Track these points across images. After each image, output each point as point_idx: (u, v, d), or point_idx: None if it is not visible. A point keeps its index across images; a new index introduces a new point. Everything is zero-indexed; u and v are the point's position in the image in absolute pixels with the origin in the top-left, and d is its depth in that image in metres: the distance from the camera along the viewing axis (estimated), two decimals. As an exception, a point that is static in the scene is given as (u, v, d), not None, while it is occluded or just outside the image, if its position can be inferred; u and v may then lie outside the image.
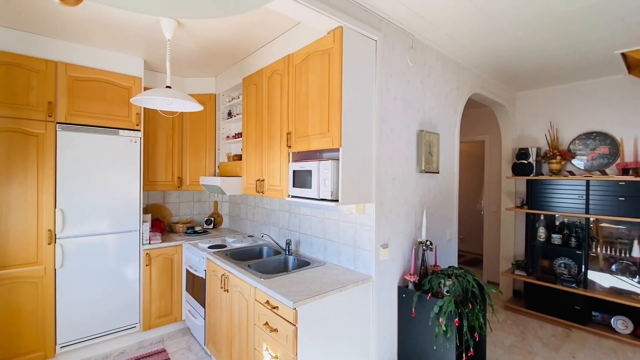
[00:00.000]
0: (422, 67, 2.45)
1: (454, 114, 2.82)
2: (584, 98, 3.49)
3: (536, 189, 3.51)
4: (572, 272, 3.36)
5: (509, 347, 2.83)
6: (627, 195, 2.95)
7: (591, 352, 2.77)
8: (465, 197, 6.20)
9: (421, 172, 2.41)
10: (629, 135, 3.20)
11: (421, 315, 2.06)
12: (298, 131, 2.13)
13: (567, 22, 2.23)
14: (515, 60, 2.91)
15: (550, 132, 3.67)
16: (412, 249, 2.30)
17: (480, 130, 4.75)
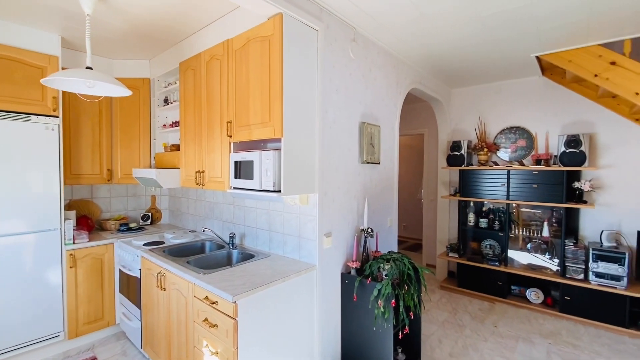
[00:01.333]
0: (363, 61, 2.51)
1: (394, 107, 2.95)
2: (507, 96, 3.88)
3: (467, 178, 3.85)
4: (495, 252, 3.76)
5: (443, 322, 3.10)
6: (539, 183, 3.37)
7: (510, 321, 3.15)
8: (408, 187, 6.59)
9: (363, 163, 2.49)
10: (542, 130, 3.64)
11: (362, 299, 2.15)
12: (239, 120, 2.06)
13: (491, 27, 2.44)
14: (450, 59, 3.13)
15: (479, 126, 4.03)
16: (355, 236, 2.38)
17: (420, 124, 5.05)
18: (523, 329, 2.99)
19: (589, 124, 3.36)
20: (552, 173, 3.28)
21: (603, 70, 2.68)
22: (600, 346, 2.71)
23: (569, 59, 2.83)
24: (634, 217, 3.13)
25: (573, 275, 3.14)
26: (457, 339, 2.80)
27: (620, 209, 3.20)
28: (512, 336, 2.85)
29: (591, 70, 2.73)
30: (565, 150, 3.21)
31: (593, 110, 3.34)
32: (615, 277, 2.91)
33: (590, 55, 2.73)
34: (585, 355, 2.58)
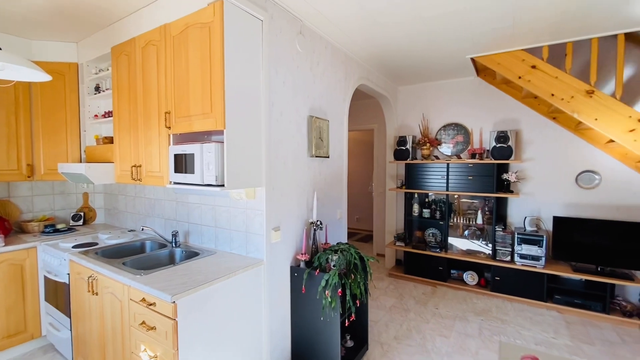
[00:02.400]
0: (311, 54, 2.51)
1: (342, 102, 3.00)
2: (447, 94, 4.16)
3: (412, 171, 4.07)
4: (437, 240, 4.04)
5: (390, 308, 3.27)
6: (474, 175, 3.68)
7: (449, 302, 3.42)
8: (360, 181, 6.79)
9: (312, 157, 2.51)
10: (477, 127, 3.97)
11: (311, 290, 2.18)
12: (179, 111, 1.94)
13: (431, 28, 2.59)
14: (395, 57, 3.26)
15: (422, 122, 4.27)
16: (304, 229, 2.39)
17: (369, 120, 5.21)
18: (460, 308, 3.26)
19: (515, 121, 3.74)
20: (485, 166, 3.60)
21: (525, 73, 2.99)
22: (524, 319, 3.05)
23: (498, 62, 3.11)
24: (550, 205, 3.56)
25: (502, 258, 3.50)
26: (402, 322, 2.97)
27: (540, 197, 3.62)
28: (450, 316, 3.10)
29: (516, 73, 3.03)
30: (495, 145, 3.53)
31: (519, 109, 3.71)
32: (535, 257, 3.30)
33: (515, 59, 3.02)
34: (510, 327, 2.89)
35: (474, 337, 2.73)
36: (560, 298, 3.22)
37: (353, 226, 7.00)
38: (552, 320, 3.03)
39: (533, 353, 2.48)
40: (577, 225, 3.24)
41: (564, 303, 3.20)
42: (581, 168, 3.40)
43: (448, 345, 2.60)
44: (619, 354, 2.51)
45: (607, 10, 2.31)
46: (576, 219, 3.25)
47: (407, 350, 2.53)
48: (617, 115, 2.64)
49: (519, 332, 2.81)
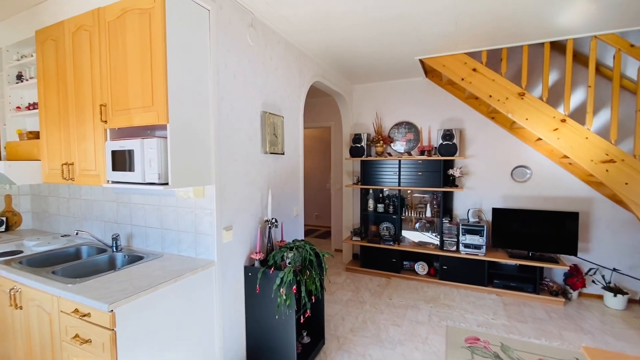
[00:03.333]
0: (263, 48, 2.45)
1: (297, 98, 2.98)
2: (399, 94, 4.33)
3: (367, 168, 4.18)
4: (391, 233, 4.21)
5: (346, 301, 3.34)
6: (423, 171, 3.88)
7: (402, 292, 3.58)
8: (318, 178, 6.84)
9: (266, 153, 2.46)
10: (425, 125, 4.19)
11: (266, 289, 2.15)
12: (116, 103, 1.79)
13: (382, 29, 2.67)
14: (349, 56, 3.31)
15: (376, 121, 4.41)
16: (258, 227, 2.34)
17: (327, 117, 5.26)
18: (412, 297, 3.43)
19: (459, 120, 4.01)
20: (433, 162, 3.81)
21: (467, 75, 3.21)
22: (467, 304, 3.30)
23: (443, 64, 3.30)
24: (490, 197, 3.87)
25: (449, 248, 3.74)
26: (358, 315, 3.05)
27: (481, 190, 3.92)
28: (403, 305, 3.25)
29: (459, 75, 3.24)
30: (442, 142, 3.76)
31: (462, 109, 3.98)
32: (477, 246, 3.57)
33: (458, 62, 3.23)
34: (456, 312, 3.11)
35: (424, 323, 2.89)
36: (499, 282, 3.53)
37: (312, 223, 7.04)
38: (492, 303, 3.31)
39: (475, 334, 2.69)
40: (513, 216, 3.56)
41: (502, 287, 3.51)
42: (515, 163, 3.75)
43: (400, 334, 2.72)
44: (547, 329, 2.82)
45: (535, 21, 2.56)
46: (511, 210, 3.58)
47: (363, 341, 2.61)
48: (544, 115, 2.94)
49: (463, 316, 3.02)
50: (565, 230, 3.32)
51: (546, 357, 2.38)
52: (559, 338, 2.67)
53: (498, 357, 2.38)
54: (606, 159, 2.73)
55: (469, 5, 2.30)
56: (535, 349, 2.49)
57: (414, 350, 2.48)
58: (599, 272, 3.41)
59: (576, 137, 2.84)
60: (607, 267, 3.38)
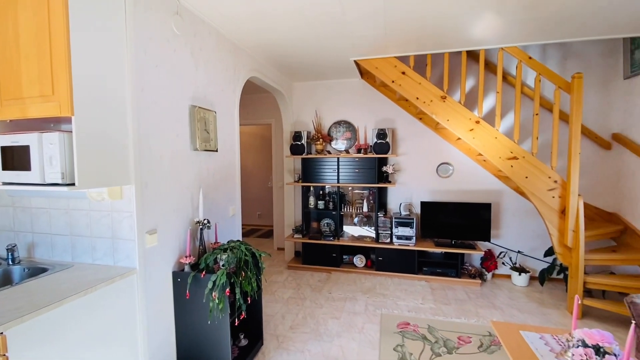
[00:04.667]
0: (192, 39, 2.30)
1: (232, 93, 2.87)
2: (337, 93, 4.44)
3: (307, 165, 4.22)
4: (331, 229, 4.31)
5: (287, 299, 3.33)
6: (360, 168, 4.04)
7: (341, 285, 3.69)
8: (260, 176, 6.71)
9: (196, 150, 2.32)
10: (362, 124, 4.36)
11: (197, 295, 2.03)
12: (6, 91, 1.52)
13: (317, 30, 2.69)
14: (287, 53, 3.29)
15: (315, 119, 4.46)
16: (188, 230, 2.20)
17: (267, 114, 5.17)
18: (350, 290, 3.56)
19: (392, 120, 4.25)
20: (369, 160, 3.99)
21: (397, 78, 3.41)
22: (400, 291, 3.53)
23: (376, 66, 3.46)
24: (419, 191, 4.19)
25: (383, 240, 3.96)
26: (298, 311, 3.06)
27: (411, 185, 4.22)
28: (341, 298, 3.35)
29: (390, 77, 3.44)
30: (376, 141, 3.95)
31: (394, 109, 4.23)
32: (408, 237, 3.84)
33: (389, 65, 3.42)
34: (390, 300, 3.30)
35: (360, 314, 3.02)
36: (427, 269, 3.85)
37: (255, 222, 6.89)
38: (422, 289, 3.60)
39: (406, 320, 2.89)
40: (438, 208, 3.90)
41: (430, 273, 3.84)
42: (440, 160, 4.11)
43: (339, 326, 2.80)
44: (466, 309, 3.14)
45: (454, 32, 2.81)
46: (437, 203, 3.92)
47: (302, 337, 2.63)
48: (462, 117, 3.26)
49: (396, 303, 3.23)
50: (481, 220, 3.75)
51: (465, 333, 2.66)
52: (476, 315, 3.01)
53: (425, 338, 2.59)
54: (511, 156, 3.14)
55: (396, 12, 2.43)
56: (456, 327, 2.77)
57: (350, 341, 2.57)
58: (508, 255, 3.92)
59: (488, 136, 3.21)
60: (514, 250, 3.91)
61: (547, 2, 2.29)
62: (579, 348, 1.39)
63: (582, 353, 1.36)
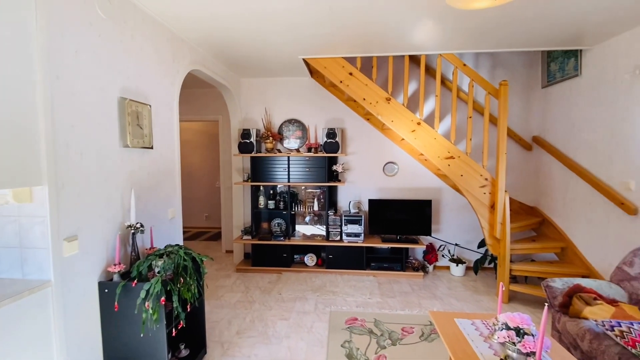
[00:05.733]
0: (122, 25, 2.09)
1: (170, 86, 2.67)
2: (287, 91, 4.38)
3: (257, 164, 4.11)
4: (282, 229, 4.25)
5: (235, 303, 3.20)
6: (311, 167, 4.04)
7: (292, 285, 3.65)
8: (208, 176, 6.40)
9: (127, 147, 2.11)
10: (312, 123, 4.36)
11: (128, 306, 1.85)
12: None
13: (265, 27, 2.62)
14: (233, 48, 3.16)
15: (265, 116, 4.37)
16: (118, 235, 1.99)
17: (214, 110, 4.94)
18: (300, 289, 3.54)
19: (341, 120, 4.32)
20: (319, 159, 4.01)
21: (345, 79, 3.47)
22: (349, 288, 3.60)
23: (325, 66, 3.48)
24: (368, 190, 4.32)
25: (334, 238, 4.01)
26: (246, 315, 2.96)
27: (360, 184, 4.33)
28: (291, 298, 3.31)
29: (338, 77, 3.48)
30: (327, 140, 3.98)
31: (343, 110, 4.31)
32: (357, 234, 3.94)
33: (337, 65, 3.46)
34: (339, 297, 3.35)
35: (310, 313, 3.01)
36: (375, 265, 3.98)
37: (202, 225, 6.55)
38: (369, 284, 3.71)
39: (354, 315, 2.95)
40: (384, 205, 4.05)
41: (377, 268, 3.97)
42: (386, 160, 4.27)
43: (287, 327, 2.76)
44: (410, 300, 3.31)
45: (397, 37, 2.92)
46: (384, 200, 4.07)
47: (249, 342, 2.54)
48: (405, 118, 3.42)
49: (345, 300, 3.28)
50: (423, 216, 3.97)
51: (408, 324, 2.79)
52: (418, 306, 3.17)
53: (372, 332, 2.67)
54: (448, 155, 3.36)
55: (341, 16, 2.45)
56: (400, 319, 2.89)
57: (299, 341, 2.55)
58: (447, 247, 4.21)
59: (428, 137, 3.40)
60: (452, 243, 4.21)
61: (473, 15, 2.48)
62: (503, 331, 1.52)
63: (505, 335, 1.49)
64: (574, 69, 3.29)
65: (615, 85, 2.81)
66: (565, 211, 3.46)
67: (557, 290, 2.29)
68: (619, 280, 2.32)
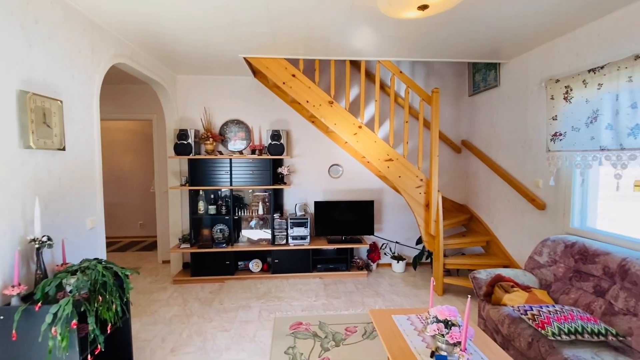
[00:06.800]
0: (23, 6, 1.79)
1: (88, 80, 2.38)
2: (229, 90, 4.21)
3: (196, 167, 3.87)
4: (225, 235, 4.06)
5: (170, 319, 2.96)
6: (255, 170, 3.92)
7: (235, 294, 3.49)
8: (142, 180, 5.89)
9: (29, 148, 1.81)
10: (256, 125, 4.25)
11: (30, 334, 1.58)
12: None
13: (196, 20, 2.46)
14: (168, 41, 2.92)
15: (205, 116, 4.14)
16: (16, 251, 1.70)
17: (148, 109, 4.55)
18: (244, 297, 3.40)
19: (286, 122, 4.27)
20: (263, 161, 3.91)
21: (288, 80, 3.43)
22: (295, 292, 3.55)
23: (267, 66, 3.41)
24: (314, 192, 4.33)
25: (279, 242, 3.94)
26: (182, 330, 2.75)
27: (306, 186, 4.33)
28: (234, 308, 3.16)
29: (281, 78, 3.43)
30: (271, 142, 3.90)
31: (288, 111, 4.26)
32: (303, 237, 3.91)
33: (280, 66, 3.41)
34: (285, 302, 3.28)
35: (253, 321, 2.90)
36: (321, 266, 3.99)
37: (136, 234, 5.99)
38: (315, 286, 3.70)
39: (299, 320, 2.91)
40: (330, 207, 4.10)
41: (324, 270, 3.99)
42: (331, 162, 4.33)
43: (228, 338, 2.62)
44: (354, 300, 3.37)
45: (337, 42, 2.96)
46: (329, 202, 4.11)
47: (184, 359, 2.35)
48: (347, 122, 3.49)
49: (290, 305, 3.23)
50: (366, 216, 4.09)
51: (352, 324, 2.83)
52: (362, 305, 3.25)
53: (316, 335, 2.65)
54: (387, 158, 3.51)
55: (281, 19, 2.41)
56: (344, 319, 2.92)
57: (240, 352, 2.43)
58: (388, 245, 4.40)
59: (369, 140, 3.51)
60: (393, 241, 4.41)
61: (404, 24, 2.62)
62: (434, 324, 1.60)
63: (435, 328, 1.57)
64: (494, 80, 3.67)
65: (527, 96, 3.19)
66: (489, 208, 3.83)
67: (482, 281, 2.51)
68: (532, 269, 2.62)
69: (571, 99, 2.53)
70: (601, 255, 2.14)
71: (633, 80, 2.06)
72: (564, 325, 1.82)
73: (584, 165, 2.45)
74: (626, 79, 2.09)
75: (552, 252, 2.51)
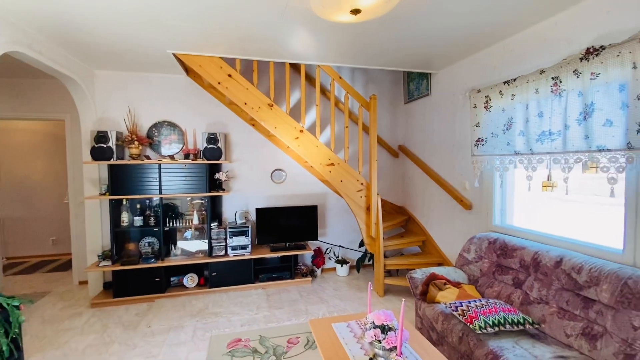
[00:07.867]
0: None
1: (-36, 69, 1.94)
2: (158, 90, 3.84)
3: (118, 174, 3.43)
4: (154, 249, 3.66)
5: (84, 350, 2.54)
6: (189, 176, 3.62)
7: (166, 314, 3.15)
8: (54, 189, 5.12)
9: None
10: (190, 127, 3.94)
11: None
12: None
13: (114, 8, 2.17)
14: (81, 31, 2.54)
15: (129, 117, 3.72)
16: None
17: (60, 108, 3.96)
18: (176, 317, 3.08)
19: (224, 124, 4.04)
20: (199, 166, 3.63)
21: (224, 80, 3.23)
22: (235, 305, 3.33)
23: (200, 64, 3.17)
24: (255, 198, 4.15)
25: (217, 253, 3.68)
26: (98, 363, 2.38)
27: (247, 192, 4.13)
28: (164, 330, 2.84)
29: (216, 78, 3.22)
30: (207, 146, 3.64)
31: (226, 114, 4.04)
32: (244, 246, 3.71)
33: (214, 65, 3.20)
34: (223, 318, 3.05)
35: (186, 343, 2.63)
36: (264, 276, 3.82)
37: (48, 252, 5.15)
38: (257, 297, 3.52)
39: (237, 336, 2.71)
40: (272, 213, 3.95)
41: (267, 279, 3.83)
42: (273, 167, 4.20)
43: (155, 366, 2.33)
44: (298, 308, 3.27)
45: (274, 43, 2.86)
46: (272, 208, 3.97)
47: (98, 398, 2.02)
48: (288, 126, 3.40)
49: (229, 320, 3.01)
50: (310, 221, 4.03)
51: (294, 334, 2.72)
52: (305, 313, 3.16)
53: (256, 351, 2.49)
54: (329, 162, 3.50)
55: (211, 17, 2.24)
56: (286, 330, 2.80)
57: (168, 381, 2.17)
58: (332, 249, 4.39)
59: (311, 145, 3.47)
60: (336, 245, 4.42)
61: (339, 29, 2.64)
62: (371, 330, 1.57)
63: (372, 335, 1.54)
64: (426, 88, 3.90)
65: (454, 104, 3.44)
66: (425, 209, 4.04)
67: (418, 280, 2.59)
68: (461, 265, 2.79)
69: (490, 107, 2.77)
70: (518, 250, 2.35)
71: (539, 92, 2.31)
72: (488, 318, 1.93)
73: (502, 168, 2.68)
74: (534, 91, 2.34)
75: (478, 249, 2.71)
